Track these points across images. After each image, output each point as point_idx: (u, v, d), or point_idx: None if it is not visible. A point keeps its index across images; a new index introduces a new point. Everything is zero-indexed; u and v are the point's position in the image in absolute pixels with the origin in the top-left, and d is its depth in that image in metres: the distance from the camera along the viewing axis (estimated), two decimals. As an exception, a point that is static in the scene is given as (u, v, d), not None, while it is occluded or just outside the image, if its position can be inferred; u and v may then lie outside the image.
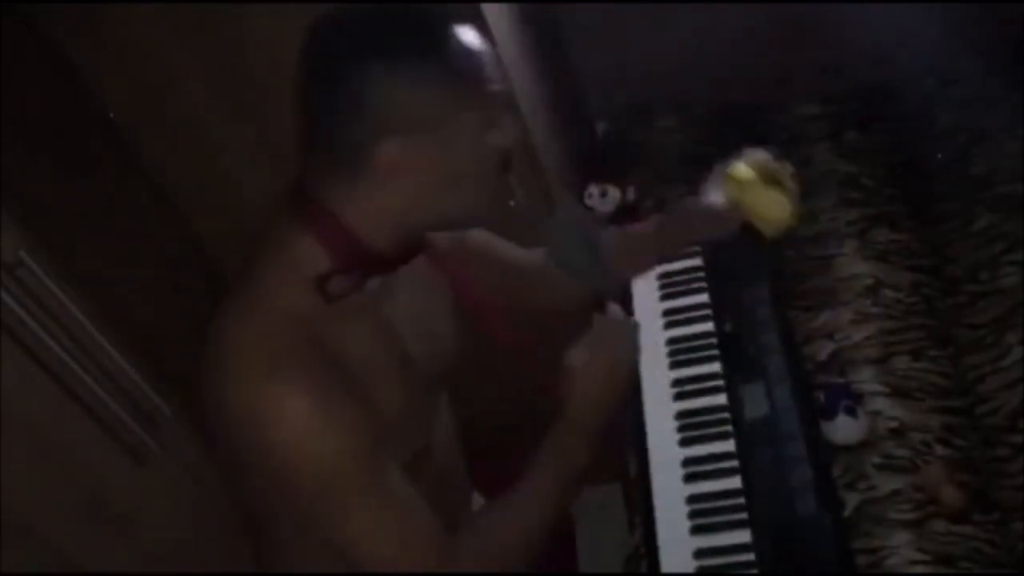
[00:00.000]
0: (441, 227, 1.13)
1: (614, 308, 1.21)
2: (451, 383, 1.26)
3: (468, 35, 1.01)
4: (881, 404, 1.47)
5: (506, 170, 1.06)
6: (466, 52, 1.00)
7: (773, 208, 1.28)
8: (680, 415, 1.56)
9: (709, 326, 1.65)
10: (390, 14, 1.00)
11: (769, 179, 1.28)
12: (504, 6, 1.74)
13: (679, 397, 1.58)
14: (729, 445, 1.49)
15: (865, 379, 1.51)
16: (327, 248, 1.03)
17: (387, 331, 1.11)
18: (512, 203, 1.76)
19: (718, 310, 1.67)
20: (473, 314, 1.20)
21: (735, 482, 1.44)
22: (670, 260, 1.75)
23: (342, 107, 0.98)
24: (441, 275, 1.19)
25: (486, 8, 1.61)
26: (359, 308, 1.06)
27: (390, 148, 0.98)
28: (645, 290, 1.76)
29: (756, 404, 1.51)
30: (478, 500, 1.38)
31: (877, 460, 1.42)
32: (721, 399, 1.55)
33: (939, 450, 1.40)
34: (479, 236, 1.31)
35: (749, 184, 1.27)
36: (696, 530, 1.42)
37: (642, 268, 1.56)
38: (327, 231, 1.03)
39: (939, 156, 1.70)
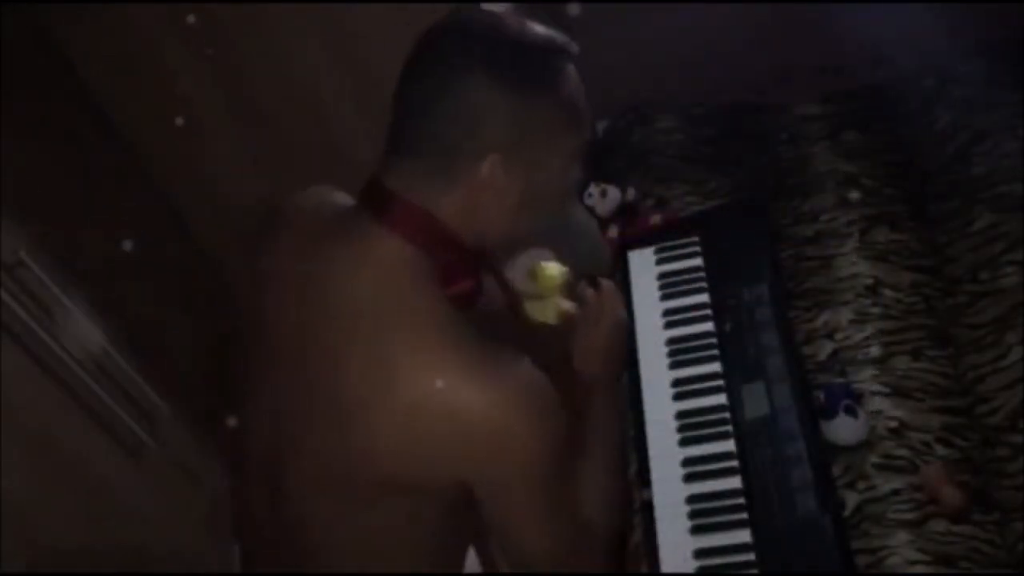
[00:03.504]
0: (504, 240, 1.17)
1: (606, 282, 1.38)
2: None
3: (574, 70, 1.07)
4: (881, 404, 1.47)
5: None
6: (576, 86, 1.06)
7: (548, 311, 1.42)
8: (680, 415, 1.56)
9: (709, 326, 1.65)
10: (515, 38, 1.05)
11: (563, 289, 1.43)
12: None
13: (679, 397, 1.58)
14: (729, 445, 1.49)
15: (865, 379, 1.51)
16: (420, 245, 1.05)
17: None
18: None
19: (718, 310, 1.67)
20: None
21: (735, 482, 1.44)
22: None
23: (456, 118, 1.01)
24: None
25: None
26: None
27: (494, 164, 1.02)
28: (645, 290, 1.76)
29: (756, 404, 1.51)
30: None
31: (877, 460, 1.42)
32: (721, 399, 1.55)
33: (939, 450, 1.40)
34: None
35: (551, 281, 1.42)
36: (696, 530, 1.42)
37: None
38: (422, 228, 1.05)
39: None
